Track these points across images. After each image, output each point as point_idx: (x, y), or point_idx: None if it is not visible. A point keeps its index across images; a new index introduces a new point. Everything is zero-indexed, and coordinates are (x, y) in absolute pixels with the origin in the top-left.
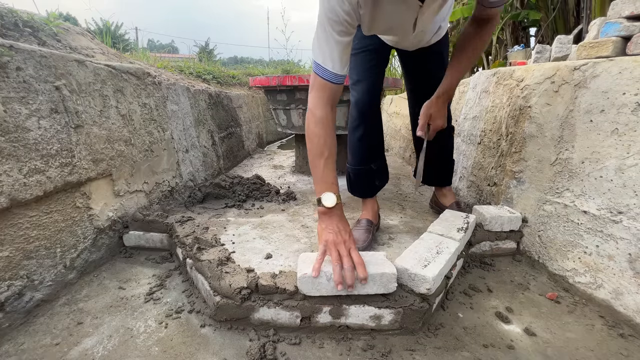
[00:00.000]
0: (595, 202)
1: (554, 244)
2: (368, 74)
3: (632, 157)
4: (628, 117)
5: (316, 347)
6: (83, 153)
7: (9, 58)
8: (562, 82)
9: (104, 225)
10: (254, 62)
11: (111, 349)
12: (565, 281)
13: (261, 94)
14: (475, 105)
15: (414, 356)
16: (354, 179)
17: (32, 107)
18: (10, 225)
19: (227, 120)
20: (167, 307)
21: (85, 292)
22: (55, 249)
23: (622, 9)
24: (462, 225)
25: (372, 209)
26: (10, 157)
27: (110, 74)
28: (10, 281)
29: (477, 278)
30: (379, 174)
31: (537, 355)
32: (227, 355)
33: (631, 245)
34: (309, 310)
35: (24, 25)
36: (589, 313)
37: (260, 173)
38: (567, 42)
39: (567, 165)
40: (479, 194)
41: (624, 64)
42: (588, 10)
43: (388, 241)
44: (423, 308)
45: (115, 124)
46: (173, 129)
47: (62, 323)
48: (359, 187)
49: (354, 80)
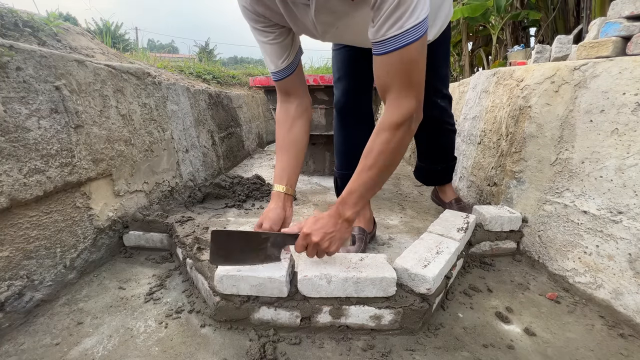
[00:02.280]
0: (595, 202)
1: (554, 244)
2: (348, 71)
3: (632, 157)
4: (628, 117)
5: (316, 347)
6: (83, 153)
7: (9, 58)
8: (562, 82)
9: (104, 225)
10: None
11: (111, 349)
12: (565, 281)
13: (261, 94)
14: (475, 105)
15: (414, 356)
16: (340, 184)
17: (32, 107)
18: (10, 225)
19: (227, 120)
20: (167, 307)
21: (85, 292)
22: (55, 249)
23: (622, 9)
24: (462, 225)
25: (364, 216)
26: (10, 157)
27: (110, 74)
28: (10, 281)
29: (477, 278)
30: None
31: (537, 355)
32: (227, 355)
33: (631, 245)
34: (309, 310)
35: (24, 25)
36: (589, 313)
37: (260, 173)
38: (567, 42)
39: (567, 165)
40: (479, 194)
41: (624, 64)
42: (588, 10)
43: (388, 241)
44: (423, 308)
45: (115, 124)
46: (173, 129)
47: (62, 323)
48: None
49: (335, 78)
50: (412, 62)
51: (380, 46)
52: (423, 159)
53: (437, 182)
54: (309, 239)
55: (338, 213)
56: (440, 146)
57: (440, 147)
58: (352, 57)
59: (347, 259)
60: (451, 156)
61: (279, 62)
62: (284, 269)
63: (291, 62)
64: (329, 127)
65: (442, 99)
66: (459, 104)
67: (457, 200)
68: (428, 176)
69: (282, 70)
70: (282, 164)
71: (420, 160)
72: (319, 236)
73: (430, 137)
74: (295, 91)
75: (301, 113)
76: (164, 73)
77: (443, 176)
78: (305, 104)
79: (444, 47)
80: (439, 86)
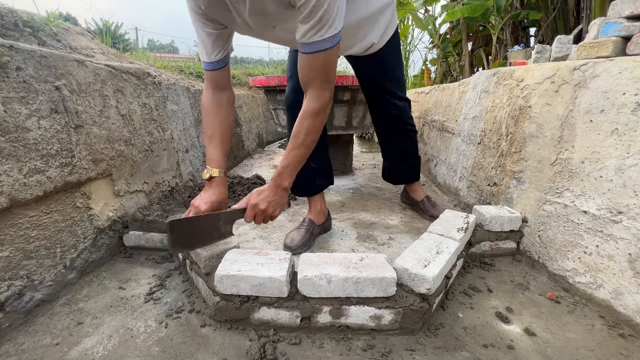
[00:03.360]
0: (595, 202)
1: (554, 244)
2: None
3: (632, 157)
4: (628, 117)
5: (316, 347)
6: (83, 153)
7: (9, 58)
8: (562, 82)
9: (104, 225)
10: (254, 62)
11: (111, 349)
12: (565, 281)
13: (261, 94)
14: (475, 105)
15: (414, 356)
16: None
17: (32, 107)
18: (10, 225)
19: None
20: (167, 307)
21: (85, 292)
22: (55, 249)
23: (622, 9)
24: (462, 225)
25: (314, 208)
26: (10, 157)
27: (110, 74)
28: (10, 281)
29: (477, 278)
30: (320, 172)
31: (537, 355)
32: (227, 355)
33: (631, 245)
34: (309, 310)
35: (24, 25)
36: (589, 313)
37: (260, 173)
38: (567, 42)
39: (567, 165)
40: (479, 194)
41: (624, 64)
42: (588, 10)
43: (388, 241)
44: (423, 308)
45: (115, 124)
46: (173, 129)
47: (62, 323)
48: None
49: (287, 76)
50: (331, 62)
51: (306, 47)
52: (388, 158)
53: (403, 181)
54: (257, 208)
55: (276, 184)
56: (403, 145)
57: (402, 146)
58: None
59: (347, 259)
60: (414, 155)
61: (214, 54)
62: (284, 269)
63: (225, 55)
64: (329, 127)
65: (399, 100)
66: (458, 104)
67: (428, 198)
68: (392, 175)
69: (217, 62)
70: (218, 150)
71: (385, 160)
72: (264, 204)
73: (393, 136)
74: (225, 83)
75: (231, 104)
76: (164, 73)
77: (407, 174)
78: (233, 97)
79: (394, 53)
80: (393, 89)
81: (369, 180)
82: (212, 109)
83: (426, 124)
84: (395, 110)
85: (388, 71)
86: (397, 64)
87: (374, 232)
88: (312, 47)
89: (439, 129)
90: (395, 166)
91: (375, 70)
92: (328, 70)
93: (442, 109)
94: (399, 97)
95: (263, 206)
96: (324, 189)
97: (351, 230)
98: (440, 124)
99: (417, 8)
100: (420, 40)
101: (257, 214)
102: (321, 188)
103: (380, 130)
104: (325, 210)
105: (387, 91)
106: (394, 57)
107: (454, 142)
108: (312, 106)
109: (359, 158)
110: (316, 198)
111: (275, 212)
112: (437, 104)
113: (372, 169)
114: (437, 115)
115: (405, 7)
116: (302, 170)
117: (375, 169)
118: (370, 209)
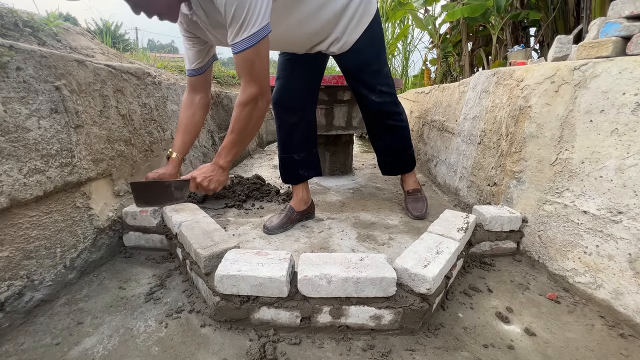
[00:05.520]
0: (595, 202)
1: (554, 244)
2: (283, 74)
3: (632, 157)
4: (628, 117)
5: (316, 347)
6: (83, 153)
7: (9, 58)
8: (562, 82)
9: (104, 225)
10: None
11: (111, 349)
12: (565, 281)
13: None
14: (475, 105)
15: (414, 356)
16: (279, 164)
17: (32, 107)
18: (10, 225)
19: (227, 120)
20: (167, 307)
21: (85, 292)
22: (55, 249)
23: (622, 9)
24: (462, 225)
25: (296, 196)
26: (10, 157)
27: (110, 74)
28: (10, 281)
29: (477, 278)
30: (304, 164)
31: (537, 355)
32: (227, 355)
33: (631, 245)
34: (309, 310)
35: (24, 25)
36: (589, 313)
37: (260, 173)
38: (567, 42)
39: (567, 165)
40: (479, 194)
41: (624, 64)
42: (588, 10)
43: (388, 241)
44: (423, 308)
45: (115, 124)
46: (173, 129)
47: (62, 323)
48: (283, 172)
49: (276, 77)
50: (250, 60)
51: (233, 47)
52: (376, 151)
53: (391, 172)
54: (196, 181)
55: (215, 162)
56: (387, 139)
57: (387, 139)
58: (288, 61)
59: (347, 259)
60: (400, 149)
61: (193, 64)
62: (284, 269)
63: (202, 65)
64: (329, 127)
65: (379, 94)
66: (458, 104)
67: (414, 190)
68: (381, 167)
69: (194, 70)
70: (183, 139)
71: (375, 152)
72: (201, 178)
73: (377, 130)
74: (200, 88)
75: (203, 105)
76: (164, 73)
77: (395, 167)
78: (207, 100)
79: (372, 48)
80: (372, 83)
81: (369, 180)
82: (185, 107)
83: (426, 124)
84: (373, 105)
85: (365, 65)
86: (377, 57)
87: (374, 232)
88: (236, 47)
89: (439, 129)
90: (382, 159)
91: (351, 65)
92: (252, 66)
93: (442, 109)
94: (378, 90)
95: (200, 179)
96: (307, 179)
97: (351, 230)
98: (440, 124)
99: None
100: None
101: (198, 186)
102: (305, 178)
103: (365, 123)
104: (308, 199)
105: (365, 85)
106: (372, 50)
107: (454, 142)
108: (239, 98)
109: (359, 158)
110: (299, 187)
111: (212, 186)
112: (437, 104)
113: (372, 169)
114: (437, 115)
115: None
116: (286, 161)
117: (375, 169)
118: (370, 209)
